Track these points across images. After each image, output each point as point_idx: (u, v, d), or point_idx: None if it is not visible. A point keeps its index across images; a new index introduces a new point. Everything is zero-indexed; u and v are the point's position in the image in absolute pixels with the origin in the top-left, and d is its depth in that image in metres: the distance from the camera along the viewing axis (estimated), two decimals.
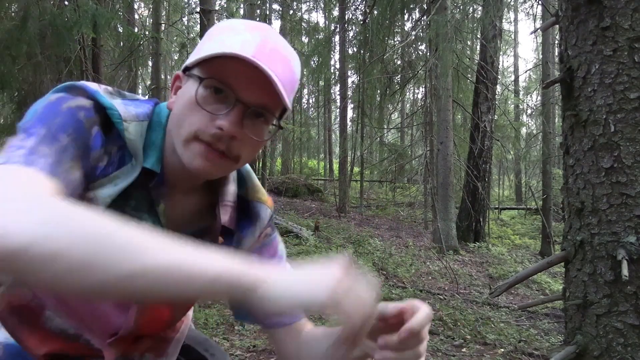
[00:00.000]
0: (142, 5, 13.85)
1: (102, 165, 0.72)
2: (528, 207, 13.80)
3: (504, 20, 14.84)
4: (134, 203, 0.76)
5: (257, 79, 0.69)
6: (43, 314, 0.82)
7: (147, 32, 9.76)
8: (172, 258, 0.52)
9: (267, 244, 0.94)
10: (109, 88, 0.79)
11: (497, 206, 14.08)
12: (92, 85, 0.75)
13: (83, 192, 0.70)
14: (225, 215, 0.83)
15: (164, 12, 13.82)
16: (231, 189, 0.85)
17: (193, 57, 0.74)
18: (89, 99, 0.72)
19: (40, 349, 0.83)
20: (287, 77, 0.73)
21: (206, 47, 0.73)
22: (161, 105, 0.81)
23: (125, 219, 0.68)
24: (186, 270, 0.52)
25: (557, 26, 1.98)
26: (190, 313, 1.02)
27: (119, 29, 7.29)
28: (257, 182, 0.90)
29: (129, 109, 0.74)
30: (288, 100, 0.71)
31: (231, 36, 0.72)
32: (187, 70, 0.75)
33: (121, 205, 0.74)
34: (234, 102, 0.70)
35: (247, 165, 0.88)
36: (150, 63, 13.08)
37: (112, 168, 0.73)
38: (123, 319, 0.82)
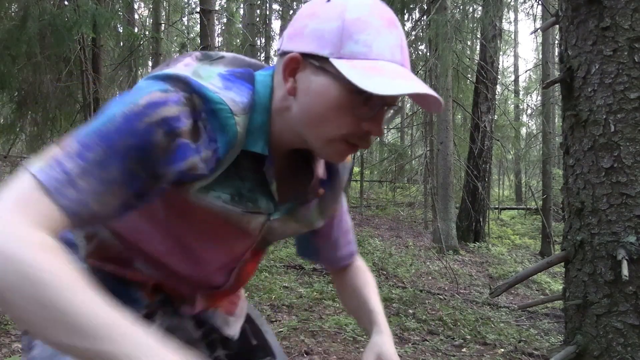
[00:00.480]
0: (142, 5, 13.85)
1: (198, 172, 0.71)
2: (528, 207, 13.80)
3: (504, 20, 14.85)
4: (250, 185, 0.78)
5: None
6: (133, 264, 0.88)
7: (147, 32, 9.77)
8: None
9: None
10: (199, 57, 0.78)
11: (497, 206, 14.09)
12: (186, 70, 0.72)
13: (167, 193, 0.73)
14: (320, 169, 0.86)
15: (164, 12, 13.83)
16: None
17: (324, 43, 0.70)
18: (191, 93, 0.69)
19: (146, 282, 0.89)
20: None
21: (350, 47, 0.69)
22: (258, 82, 0.77)
23: (240, 203, 0.77)
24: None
25: (557, 26, 1.98)
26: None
27: (119, 29, 7.29)
28: None
29: (235, 100, 0.72)
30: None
31: (374, 36, 0.70)
32: (313, 57, 0.70)
33: (238, 187, 0.77)
34: (381, 106, 0.72)
35: None
36: (150, 63, 13.08)
37: (209, 171, 0.72)
38: (225, 279, 0.91)
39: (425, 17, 8.41)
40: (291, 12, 15.69)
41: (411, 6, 9.06)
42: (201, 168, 0.71)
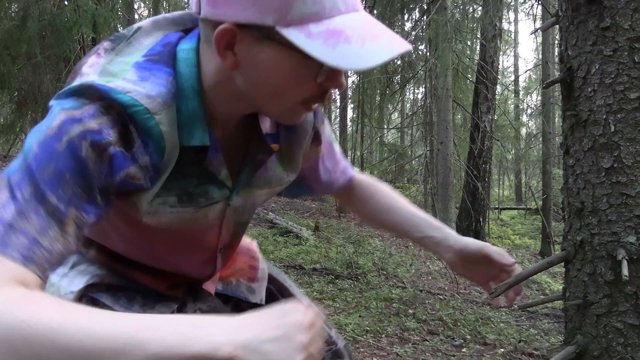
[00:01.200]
0: (142, 5, 13.85)
1: (139, 182, 0.65)
2: (528, 207, 13.79)
3: (504, 20, 14.84)
4: (195, 180, 0.71)
5: None
6: (135, 262, 0.85)
7: None
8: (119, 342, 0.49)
9: (319, 138, 0.91)
10: (108, 47, 0.67)
11: (497, 206, 14.08)
12: (93, 74, 0.63)
13: (114, 209, 0.67)
14: (265, 124, 0.76)
15: (164, 12, 13.82)
16: None
17: (269, 13, 0.58)
18: (101, 100, 0.61)
19: (159, 285, 0.86)
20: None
21: (299, 9, 0.58)
22: (181, 62, 0.66)
23: (191, 200, 0.71)
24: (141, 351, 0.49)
25: (557, 26, 1.98)
26: (255, 243, 1.09)
27: (119, 29, 7.29)
28: None
29: (151, 95, 0.62)
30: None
31: None
32: (254, 27, 0.59)
33: (183, 187, 0.69)
34: None
35: None
36: None
37: (150, 180, 0.66)
38: (212, 268, 0.88)
39: (425, 17, 8.40)
40: None
41: (411, 6, 9.06)
42: (141, 177, 0.64)
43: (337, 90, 0.66)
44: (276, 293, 1.04)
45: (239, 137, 0.75)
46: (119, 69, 0.64)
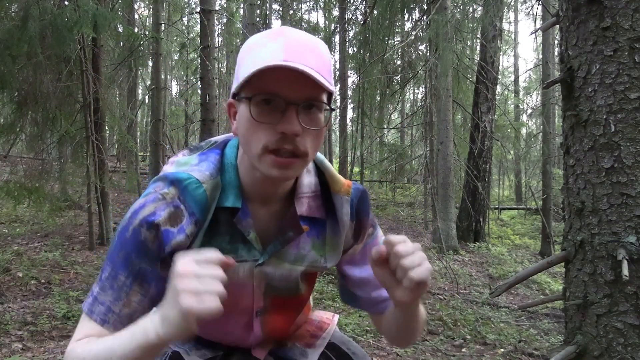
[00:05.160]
0: (142, 5, 13.85)
1: (185, 246, 0.83)
2: (528, 207, 13.79)
3: (504, 20, 14.82)
4: (228, 238, 0.87)
5: (295, 77, 0.75)
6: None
7: (147, 32, 9.75)
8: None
9: (369, 242, 1.01)
10: (185, 151, 0.93)
11: (497, 206, 14.08)
12: (170, 167, 0.88)
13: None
14: (302, 207, 0.90)
15: (164, 12, 13.81)
16: (306, 180, 0.92)
17: (235, 83, 0.81)
18: (170, 185, 0.84)
19: (216, 351, 1.03)
20: (320, 63, 0.78)
21: (242, 71, 0.78)
22: (229, 145, 0.90)
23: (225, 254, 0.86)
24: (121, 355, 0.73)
25: (557, 26, 1.98)
26: (336, 319, 1.18)
27: (119, 29, 7.29)
28: (332, 171, 0.95)
29: (201, 170, 0.85)
30: (329, 84, 0.77)
31: (259, 51, 0.78)
32: (235, 96, 0.82)
33: (219, 243, 0.86)
34: (284, 106, 0.77)
35: (319, 155, 0.94)
36: (150, 63, 13.05)
37: (194, 233, 0.84)
38: (252, 335, 0.98)
39: (425, 17, 8.40)
40: (291, 12, 15.67)
41: (411, 6, 9.05)
42: (187, 242, 0.83)
43: (290, 132, 0.76)
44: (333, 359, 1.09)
45: (278, 216, 0.90)
46: (187, 160, 0.88)
